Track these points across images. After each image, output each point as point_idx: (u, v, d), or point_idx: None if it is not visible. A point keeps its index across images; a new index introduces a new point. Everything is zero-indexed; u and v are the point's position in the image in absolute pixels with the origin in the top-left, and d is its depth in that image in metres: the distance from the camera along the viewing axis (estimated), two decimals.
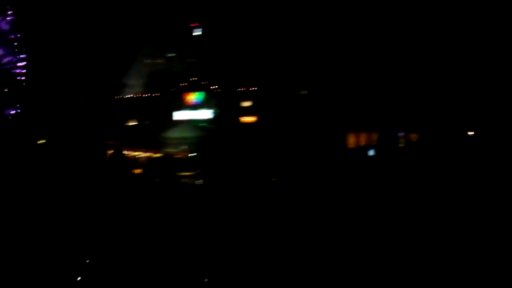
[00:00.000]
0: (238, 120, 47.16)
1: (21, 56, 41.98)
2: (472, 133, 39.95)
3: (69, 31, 45.58)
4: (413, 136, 41.28)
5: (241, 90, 48.69)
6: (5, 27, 41.49)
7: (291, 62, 45.73)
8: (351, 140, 42.10)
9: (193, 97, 49.64)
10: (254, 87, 48.23)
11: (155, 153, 42.36)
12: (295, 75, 46.10)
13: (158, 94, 50.50)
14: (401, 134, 41.00)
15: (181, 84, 50.44)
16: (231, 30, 48.12)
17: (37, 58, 43.58)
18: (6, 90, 41.15)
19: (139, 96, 50.85)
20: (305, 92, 46.32)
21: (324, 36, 45.02)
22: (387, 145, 38.51)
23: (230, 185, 26.07)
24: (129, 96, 50.98)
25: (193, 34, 51.39)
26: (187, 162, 38.76)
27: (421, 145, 38.84)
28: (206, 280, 11.65)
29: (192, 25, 51.28)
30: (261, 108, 46.89)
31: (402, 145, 40.24)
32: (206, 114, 48.82)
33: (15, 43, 41.91)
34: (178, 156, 40.99)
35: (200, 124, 47.51)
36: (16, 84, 41.40)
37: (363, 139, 42.11)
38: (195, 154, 40.64)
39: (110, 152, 39.65)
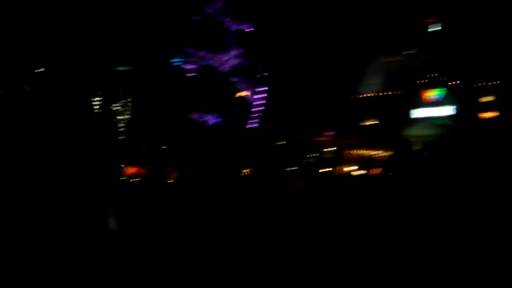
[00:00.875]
0: (479, 117, 44.99)
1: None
2: None
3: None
4: None
5: (482, 85, 46.33)
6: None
7: None
8: None
9: (431, 93, 49.16)
10: (497, 81, 45.44)
11: (394, 151, 43.36)
12: None
13: (396, 92, 51.25)
14: None
15: (419, 81, 50.31)
16: (467, 23, 46.09)
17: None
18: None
19: (376, 95, 52.34)
20: None
21: None
22: None
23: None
24: (366, 95, 52.88)
25: (430, 29, 50.71)
26: (428, 159, 38.72)
27: None
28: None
29: (429, 20, 50.65)
30: (505, 103, 43.90)
31: None
32: (446, 111, 47.85)
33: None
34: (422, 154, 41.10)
35: (440, 122, 46.79)
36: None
37: None
38: (434, 152, 40.40)
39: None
